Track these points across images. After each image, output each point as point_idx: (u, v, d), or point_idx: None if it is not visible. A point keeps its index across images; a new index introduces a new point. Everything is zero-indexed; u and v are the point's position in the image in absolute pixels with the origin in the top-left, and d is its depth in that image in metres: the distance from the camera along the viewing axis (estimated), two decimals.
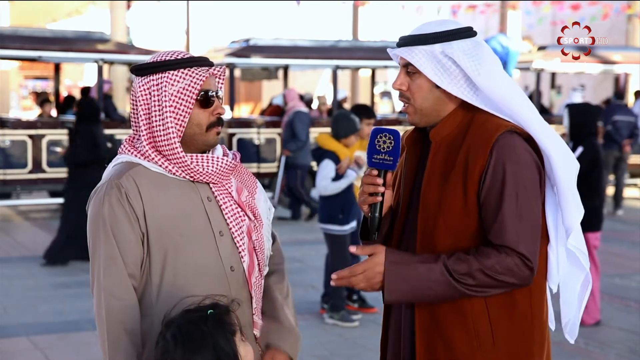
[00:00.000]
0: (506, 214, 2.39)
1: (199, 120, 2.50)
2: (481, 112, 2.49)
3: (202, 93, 2.49)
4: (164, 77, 2.47)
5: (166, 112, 2.45)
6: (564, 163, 2.46)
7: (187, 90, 2.46)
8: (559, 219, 2.50)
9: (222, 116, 2.54)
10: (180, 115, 2.47)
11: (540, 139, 2.46)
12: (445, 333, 2.47)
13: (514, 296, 2.44)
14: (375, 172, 2.49)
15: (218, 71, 2.55)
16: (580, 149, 6.72)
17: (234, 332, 2.18)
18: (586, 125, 6.88)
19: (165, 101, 2.45)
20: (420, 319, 2.50)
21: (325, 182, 7.03)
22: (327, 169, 7.06)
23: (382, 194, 2.50)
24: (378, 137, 2.48)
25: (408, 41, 2.51)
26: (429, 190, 2.49)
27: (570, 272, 2.55)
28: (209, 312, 2.17)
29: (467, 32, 2.50)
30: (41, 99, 16.75)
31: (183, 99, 2.46)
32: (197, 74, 2.47)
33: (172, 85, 2.46)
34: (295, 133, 12.08)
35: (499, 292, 2.41)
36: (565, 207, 2.47)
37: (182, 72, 2.46)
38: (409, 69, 2.51)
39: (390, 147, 2.47)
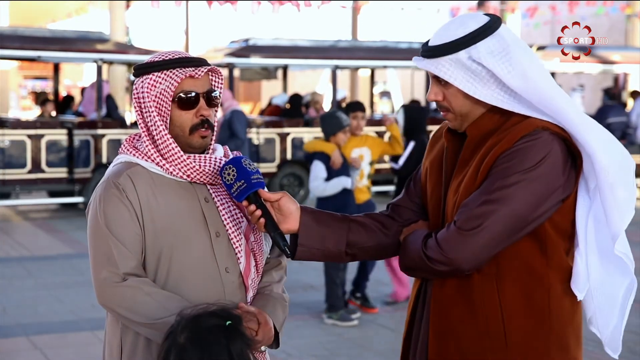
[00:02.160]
0: (476, 192, 2.36)
1: (181, 122, 2.49)
2: (518, 114, 2.41)
3: (180, 94, 2.48)
4: (148, 79, 2.48)
5: (152, 112, 2.47)
6: (613, 163, 2.34)
7: (165, 91, 2.47)
8: (590, 224, 2.39)
9: (207, 117, 2.50)
10: (163, 117, 2.48)
11: (583, 138, 2.34)
12: (456, 331, 2.42)
13: (530, 296, 2.38)
14: (245, 202, 2.46)
15: (200, 72, 2.48)
16: (412, 144, 7.64)
17: (250, 345, 2.10)
18: (419, 123, 7.86)
19: (150, 102, 2.47)
20: (434, 316, 2.46)
21: (317, 183, 6.98)
22: (316, 168, 7.01)
23: (266, 211, 2.45)
24: (222, 174, 2.46)
25: (432, 52, 2.42)
26: (455, 182, 2.46)
27: (609, 280, 2.42)
28: (227, 323, 2.07)
29: (490, 28, 2.39)
30: (41, 99, 16.77)
31: (164, 101, 2.47)
32: (175, 75, 2.46)
33: (155, 87, 2.47)
34: (234, 132, 11.87)
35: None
36: (611, 210, 2.34)
37: (165, 74, 2.47)
38: (440, 78, 2.44)
39: (236, 173, 2.44)
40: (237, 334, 2.07)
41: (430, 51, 2.43)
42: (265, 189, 2.53)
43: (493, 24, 2.40)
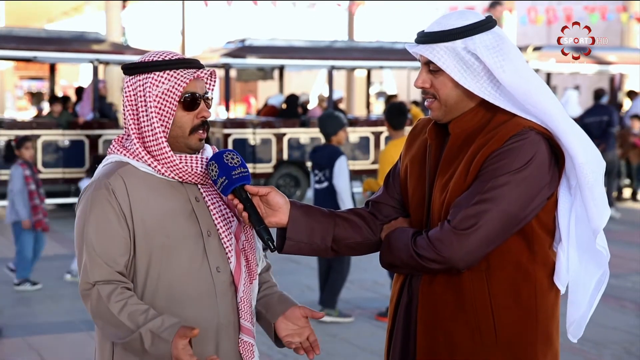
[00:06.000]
0: (467, 192, 2.39)
1: (182, 123, 2.49)
2: (503, 111, 2.45)
3: (186, 95, 2.48)
4: (149, 77, 2.47)
5: (151, 112, 2.45)
6: (591, 164, 2.41)
7: (170, 92, 2.46)
8: (572, 220, 2.46)
9: (207, 119, 2.52)
10: (164, 116, 2.47)
11: (566, 139, 2.40)
12: (446, 327, 2.45)
13: (519, 291, 2.43)
14: (231, 196, 2.45)
15: (204, 73, 2.51)
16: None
17: None
18: None
19: (150, 102, 2.46)
20: (422, 312, 2.48)
21: (347, 184, 6.92)
22: (345, 167, 6.96)
23: (251, 205, 2.45)
24: (224, 157, 2.45)
25: (428, 38, 2.44)
26: (440, 180, 2.48)
27: (584, 271, 2.50)
28: None
29: (488, 24, 2.44)
30: (38, 98, 16.66)
31: (167, 101, 2.46)
32: (182, 75, 2.46)
33: (157, 86, 2.46)
34: None
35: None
36: (591, 208, 2.41)
37: (168, 74, 2.46)
38: (430, 66, 2.46)
39: (240, 161, 2.47)
40: None
41: (426, 37, 2.46)
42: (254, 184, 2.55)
43: (490, 22, 2.46)
